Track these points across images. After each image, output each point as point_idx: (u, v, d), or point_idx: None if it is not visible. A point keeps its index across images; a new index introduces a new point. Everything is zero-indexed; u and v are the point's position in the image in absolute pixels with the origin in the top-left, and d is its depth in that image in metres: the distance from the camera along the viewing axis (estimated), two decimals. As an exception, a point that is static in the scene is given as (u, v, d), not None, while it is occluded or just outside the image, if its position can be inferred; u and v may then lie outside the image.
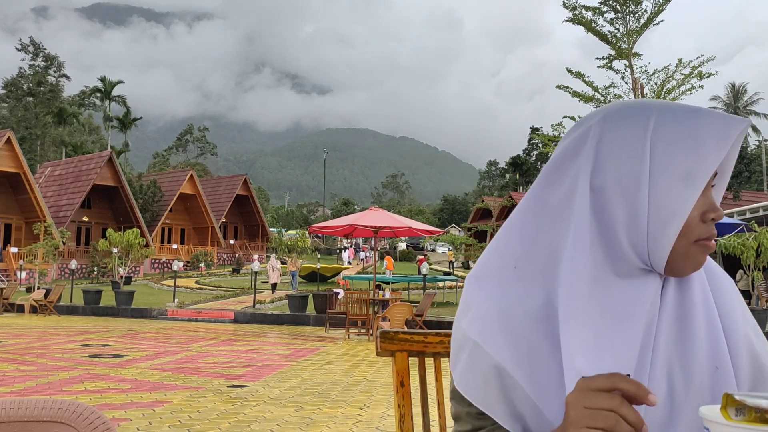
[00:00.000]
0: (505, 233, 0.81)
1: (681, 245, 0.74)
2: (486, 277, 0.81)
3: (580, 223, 0.75)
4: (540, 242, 0.78)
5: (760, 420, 0.54)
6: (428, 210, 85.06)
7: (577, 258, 0.74)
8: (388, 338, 1.21)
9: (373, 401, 6.16)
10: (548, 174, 0.80)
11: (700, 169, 0.72)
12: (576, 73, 16.28)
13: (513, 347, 0.75)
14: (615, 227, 0.75)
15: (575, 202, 0.76)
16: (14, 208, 33.53)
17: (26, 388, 6.56)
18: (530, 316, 0.75)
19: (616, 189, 0.75)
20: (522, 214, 0.81)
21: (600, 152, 0.76)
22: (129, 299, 19.14)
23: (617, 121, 0.77)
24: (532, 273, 0.78)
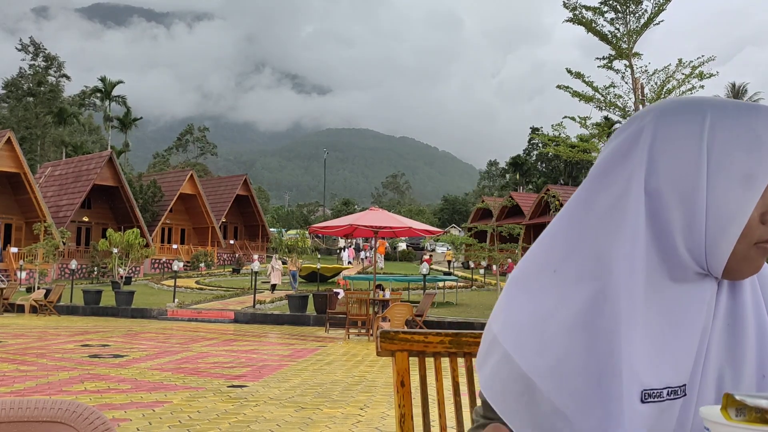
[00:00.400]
0: (548, 236, 0.78)
1: (740, 248, 0.72)
2: (524, 281, 0.78)
3: (635, 228, 0.72)
4: (584, 246, 0.74)
5: (760, 420, 0.54)
6: (428, 210, 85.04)
7: (634, 263, 0.71)
8: (388, 338, 1.21)
9: (374, 401, 6.15)
10: (598, 176, 0.76)
11: (760, 169, 0.69)
12: (576, 74, 16.27)
13: (543, 358, 0.71)
14: (671, 231, 0.72)
15: (629, 206, 0.72)
16: (14, 208, 33.53)
17: (26, 388, 6.56)
18: (565, 325, 0.72)
19: (672, 192, 0.72)
20: (566, 216, 0.77)
21: (653, 154, 0.73)
22: (129, 299, 19.14)
23: (671, 120, 0.74)
24: (573, 278, 0.74)
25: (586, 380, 0.69)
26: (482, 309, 17.77)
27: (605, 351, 0.69)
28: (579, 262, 0.73)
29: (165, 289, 26.53)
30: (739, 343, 0.75)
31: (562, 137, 16.75)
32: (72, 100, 61.33)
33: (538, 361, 0.71)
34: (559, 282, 0.74)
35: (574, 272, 0.73)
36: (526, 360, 0.72)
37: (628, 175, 0.74)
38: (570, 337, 0.71)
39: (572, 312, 0.72)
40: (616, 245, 0.72)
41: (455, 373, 1.29)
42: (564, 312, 0.72)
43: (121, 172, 38.60)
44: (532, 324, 0.73)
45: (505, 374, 0.73)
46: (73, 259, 24.26)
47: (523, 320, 0.74)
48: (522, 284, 0.78)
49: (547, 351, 0.71)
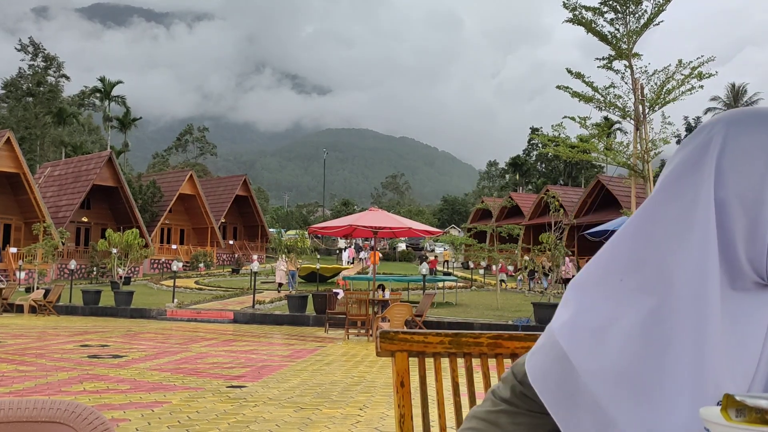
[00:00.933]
0: (615, 244, 0.79)
1: None
2: (587, 287, 0.78)
3: (705, 237, 0.72)
4: (649, 257, 0.75)
5: (760, 421, 0.54)
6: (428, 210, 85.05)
7: (705, 272, 0.71)
8: (388, 338, 1.21)
9: (373, 402, 6.15)
10: (667, 186, 0.77)
11: None
12: (576, 74, 16.29)
13: (598, 361, 0.72)
14: (734, 241, 0.73)
15: (697, 216, 0.73)
16: (14, 209, 33.52)
17: (25, 388, 6.56)
18: (624, 332, 0.72)
19: (737, 203, 0.73)
20: (633, 226, 0.78)
21: (722, 164, 0.74)
22: (128, 299, 19.14)
23: (741, 130, 0.75)
24: (636, 288, 0.74)
25: (642, 389, 0.70)
26: (482, 309, 17.77)
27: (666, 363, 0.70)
28: (643, 273, 0.75)
29: (164, 290, 26.52)
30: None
31: (561, 137, 16.76)
32: (71, 101, 61.33)
33: (593, 363, 0.73)
34: (622, 291, 0.75)
35: (638, 282, 0.74)
36: (581, 361, 0.73)
37: (696, 186, 0.75)
38: (627, 344, 0.72)
39: (632, 320, 0.73)
40: (682, 255, 0.73)
41: (455, 373, 1.29)
42: (624, 320, 0.73)
43: (121, 172, 38.59)
44: (592, 328, 0.75)
45: (558, 372, 0.75)
46: (72, 260, 24.26)
47: (582, 323, 0.76)
48: (585, 289, 0.79)
49: (603, 355, 0.72)
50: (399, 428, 1.17)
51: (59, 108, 55.22)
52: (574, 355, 0.74)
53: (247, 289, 23.25)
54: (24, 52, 57.75)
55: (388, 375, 7.78)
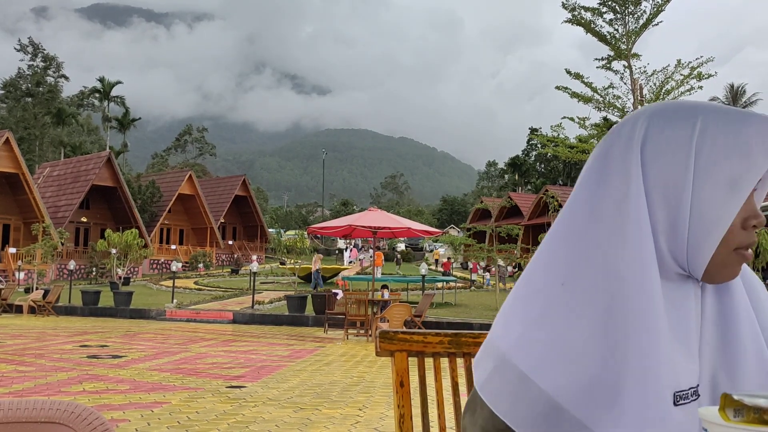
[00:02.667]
0: (550, 246, 0.76)
1: (721, 252, 0.72)
2: (530, 295, 0.75)
3: (640, 230, 0.72)
4: (591, 255, 0.73)
5: (758, 421, 0.54)
6: (427, 210, 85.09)
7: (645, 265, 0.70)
8: (387, 338, 1.21)
9: (372, 402, 6.15)
10: (595, 181, 0.76)
11: (747, 176, 0.70)
12: (575, 74, 16.30)
13: (565, 377, 0.69)
14: (657, 232, 0.72)
15: (631, 209, 0.72)
16: (13, 209, 33.50)
17: (24, 388, 6.55)
18: (583, 339, 0.70)
19: (658, 194, 0.72)
20: (568, 225, 0.76)
21: (645, 155, 0.74)
22: (127, 300, 19.13)
23: (663, 122, 0.75)
24: (584, 289, 0.72)
25: (612, 392, 0.68)
26: (481, 309, 17.79)
27: (629, 358, 0.68)
28: (589, 273, 0.72)
29: (163, 290, 26.51)
30: (731, 343, 0.75)
31: (560, 138, 16.77)
32: (70, 101, 61.31)
33: (561, 380, 0.69)
34: (569, 295, 0.72)
35: (585, 283, 0.72)
36: (547, 380, 0.69)
37: (626, 179, 0.73)
38: (591, 352, 0.69)
39: (589, 325, 0.70)
40: (625, 252, 0.71)
41: (454, 373, 1.29)
42: (581, 326, 0.70)
43: (120, 172, 38.58)
44: (546, 341, 0.71)
45: (524, 396, 0.71)
46: (71, 260, 24.22)
47: (536, 338, 0.72)
48: (528, 299, 0.75)
49: (569, 369, 0.69)
50: (398, 428, 1.17)
51: (58, 108, 55.19)
52: (535, 374, 0.70)
53: (247, 290, 23.24)
54: (23, 53, 57.74)
55: (388, 375, 7.78)
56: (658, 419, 0.67)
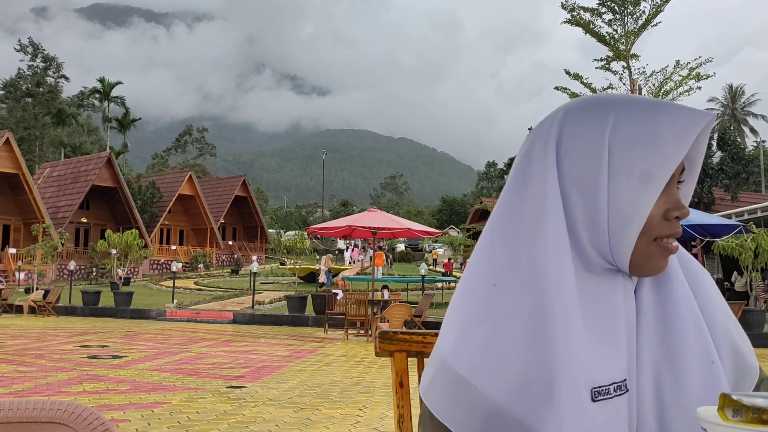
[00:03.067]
0: (483, 248, 0.77)
1: (642, 244, 0.73)
2: (467, 298, 0.75)
3: (557, 228, 0.72)
4: (520, 255, 0.73)
5: (757, 421, 0.55)
6: (427, 211, 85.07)
7: (562, 264, 0.71)
8: (387, 339, 1.21)
9: (372, 402, 6.16)
10: (517, 181, 0.77)
11: (659, 168, 0.71)
12: (574, 75, 16.31)
13: (502, 378, 0.69)
14: (577, 229, 0.73)
15: (549, 208, 0.73)
16: (13, 209, 33.50)
17: (25, 389, 6.55)
18: (518, 340, 0.70)
19: (576, 190, 0.73)
20: (497, 225, 0.77)
21: (560, 152, 0.74)
22: (128, 300, 19.13)
23: (577, 118, 0.75)
24: (515, 289, 0.72)
25: (544, 390, 0.68)
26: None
27: (555, 357, 0.68)
28: (519, 273, 0.73)
29: (164, 290, 26.51)
30: (673, 336, 0.75)
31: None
32: (71, 101, 61.30)
33: (498, 382, 0.69)
34: (501, 295, 0.72)
35: (516, 283, 0.72)
36: (484, 383, 0.70)
37: (544, 177, 0.74)
38: (524, 351, 0.69)
39: (521, 325, 0.70)
40: (548, 249, 0.72)
41: (454, 373, 1.28)
42: (513, 326, 0.71)
43: (120, 172, 38.59)
44: (484, 344, 0.71)
45: (464, 400, 0.71)
46: (71, 260, 24.22)
47: (472, 340, 0.72)
48: (464, 300, 0.76)
49: (504, 370, 0.69)
50: (398, 428, 1.17)
51: (58, 108, 55.20)
52: (473, 377, 0.70)
53: (247, 290, 23.24)
54: (23, 53, 57.73)
55: (387, 375, 7.78)
56: (574, 416, 0.67)
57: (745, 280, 16.00)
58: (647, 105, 0.74)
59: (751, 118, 58.21)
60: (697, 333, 0.76)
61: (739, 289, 17.29)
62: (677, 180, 0.76)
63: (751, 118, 58.21)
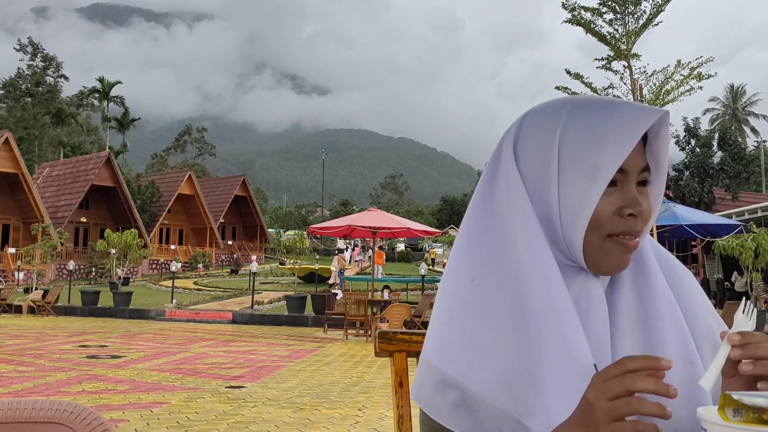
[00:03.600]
0: (458, 247, 0.79)
1: (594, 240, 0.74)
2: (446, 299, 0.77)
3: (529, 223, 0.74)
4: (494, 250, 0.75)
5: (757, 421, 0.54)
6: (427, 211, 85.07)
7: (537, 257, 0.72)
8: (386, 339, 1.21)
9: (372, 402, 6.16)
10: (486, 179, 0.80)
11: (605, 164, 0.72)
12: (575, 75, 16.30)
13: (486, 372, 0.70)
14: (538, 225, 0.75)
15: (517, 205, 0.75)
16: (12, 209, 33.50)
17: (24, 389, 6.55)
18: (498, 332, 0.71)
19: (532, 188, 0.75)
20: (470, 223, 0.79)
21: (517, 151, 0.77)
22: (127, 300, 19.12)
23: (533, 119, 0.78)
24: (493, 285, 0.74)
25: (531, 380, 0.69)
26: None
27: (543, 344, 0.70)
28: (495, 270, 0.74)
29: (163, 290, 26.51)
30: (654, 335, 0.75)
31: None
32: (70, 101, 61.30)
33: (481, 376, 0.70)
34: (479, 292, 0.74)
35: (493, 279, 0.74)
36: (467, 378, 0.71)
37: (506, 176, 0.77)
38: (505, 345, 0.71)
39: (500, 319, 0.72)
40: (519, 245, 0.74)
41: (453, 373, 1.28)
42: (492, 321, 0.72)
43: (119, 172, 38.58)
44: (464, 340, 0.72)
45: (449, 395, 0.72)
46: (71, 260, 24.23)
47: (452, 337, 0.73)
48: (444, 300, 0.77)
49: (486, 364, 0.71)
50: (398, 429, 1.17)
51: (58, 108, 55.18)
52: (456, 373, 0.71)
53: (246, 290, 23.23)
54: (23, 52, 57.73)
55: (387, 375, 7.78)
56: (564, 401, 0.68)
57: (746, 280, 16.01)
58: (598, 104, 0.76)
59: (752, 117, 58.25)
60: (676, 332, 0.76)
61: (740, 289, 17.29)
62: (635, 179, 0.76)
63: (752, 117, 58.25)
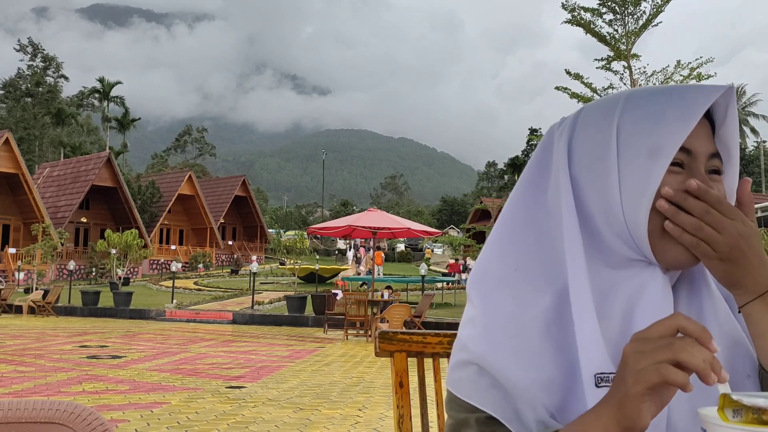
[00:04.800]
0: (499, 236, 0.78)
1: (659, 225, 0.71)
2: (485, 282, 0.76)
3: (570, 219, 0.73)
4: (540, 238, 0.75)
5: (757, 421, 0.54)
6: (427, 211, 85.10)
7: (575, 254, 0.72)
8: (387, 339, 1.21)
9: (372, 402, 6.15)
10: (535, 168, 0.79)
11: (665, 140, 0.70)
12: (575, 75, 16.30)
13: (522, 363, 0.70)
14: (593, 215, 0.73)
15: (562, 198, 0.74)
16: (12, 209, 33.50)
17: (24, 389, 6.55)
18: (536, 324, 0.71)
19: (588, 176, 0.74)
20: (514, 213, 0.78)
21: (572, 144, 0.76)
22: (127, 300, 19.12)
23: (589, 111, 0.78)
24: (535, 273, 0.74)
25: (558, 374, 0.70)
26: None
27: (570, 344, 0.70)
28: (540, 261, 0.74)
29: (163, 290, 26.51)
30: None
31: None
32: (70, 101, 61.34)
33: (518, 367, 0.70)
34: (523, 279, 0.74)
35: (536, 266, 0.74)
36: (506, 368, 0.70)
37: (557, 168, 0.76)
38: (543, 336, 0.71)
39: (543, 307, 0.72)
40: (563, 240, 0.73)
41: (453, 374, 1.28)
42: (534, 308, 0.72)
43: (120, 172, 38.59)
44: (505, 329, 0.72)
45: (486, 381, 0.72)
46: (71, 260, 24.22)
47: (494, 325, 0.73)
48: (484, 286, 0.76)
49: (525, 354, 0.70)
50: (398, 429, 1.17)
51: (58, 108, 55.22)
52: (496, 364, 0.71)
53: (246, 290, 23.24)
54: (23, 53, 57.80)
55: (387, 375, 7.78)
56: (577, 400, 0.68)
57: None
58: (656, 89, 0.75)
59: (752, 118, 58.25)
60: (734, 344, 0.74)
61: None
62: (704, 163, 0.73)
63: (752, 118, 58.25)
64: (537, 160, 0.79)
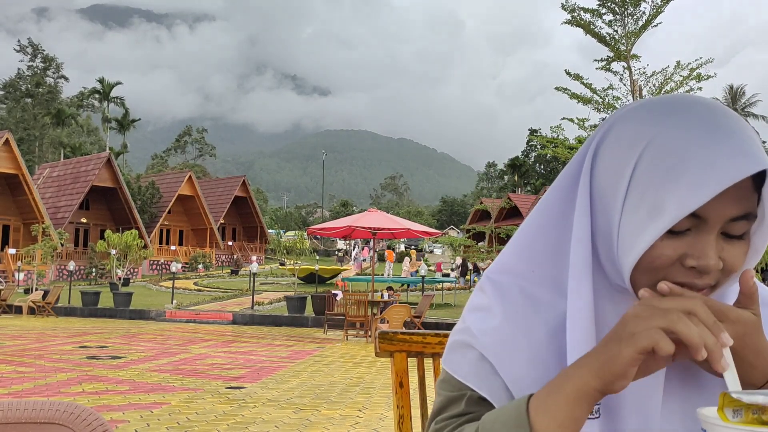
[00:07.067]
0: (525, 232, 0.77)
1: (644, 281, 0.66)
2: (504, 276, 0.76)
3: (584, 234, 0.70)
4: (558, 245, 0.73)
5: (757, 421, 0.54)
6: (427, 211, 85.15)
7: (583, 273, 0.69)
8: (387, 339, 1.21)
9: (372, 402, 6.15)
10: (570, 173, 0.75)
11: (670, 205, 0.62)
12: (575, 75, 16.30)
13: (526, 362, 0.70)
14: (596, 239, 0.70)
15: (582, 210, 0.71)
16: (12, 210, 33.50)
17: (24, 389, 6.55)
18: (546, 327, 0.71)
19: (599, 200, 0.69)
20: (542, 213, 0.76)
21: (597, 154, 0.71)
22: (127, 300, 19.12)
23: (626, 123, 0.69)
24: (551, 279, 0.72)
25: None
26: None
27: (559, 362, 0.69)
28: (556, 268, 0.73)
29: (163, 291, 26.50)
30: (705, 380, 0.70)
31: (560, 139, 16.77)
32: (70, 102, 61.35)
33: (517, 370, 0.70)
34: (539, 282, 0.73)
35: (552, 276, 0.73)
36: (510, 372, 0.70)
37: (585, 180, 0.71)
38: (549, 342, 0.70)
39: (554, 315, 0.71)
40: (571, 253, 0.71)
41: (453, 374, 1.28)
42: (545, 315, 0.72)
43: (120, 173, 38.58)
44: (515, 331, 0.71)
45: (486, 377, 0.72)
46: (71, 261, 24.21)
47: (505, 326, 0.72)
48: (500, 281, 0.75)
49: (530, 360, 0.70)
50: (398, 429, 1.17)
51: (58, 109, 55.24)
52: (496, 362, 0.71)
53: (246, 290, 23.23)
54: (23, 53, 57.79)
55: (387, 376, 7.78)
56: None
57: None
58: (700, 126, 0.64)
59: (752, 118, 58.24)
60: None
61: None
62: (718, 228, 0.64)
63: (752, 118, 58.24)
64: (570, 165, 0.75)
